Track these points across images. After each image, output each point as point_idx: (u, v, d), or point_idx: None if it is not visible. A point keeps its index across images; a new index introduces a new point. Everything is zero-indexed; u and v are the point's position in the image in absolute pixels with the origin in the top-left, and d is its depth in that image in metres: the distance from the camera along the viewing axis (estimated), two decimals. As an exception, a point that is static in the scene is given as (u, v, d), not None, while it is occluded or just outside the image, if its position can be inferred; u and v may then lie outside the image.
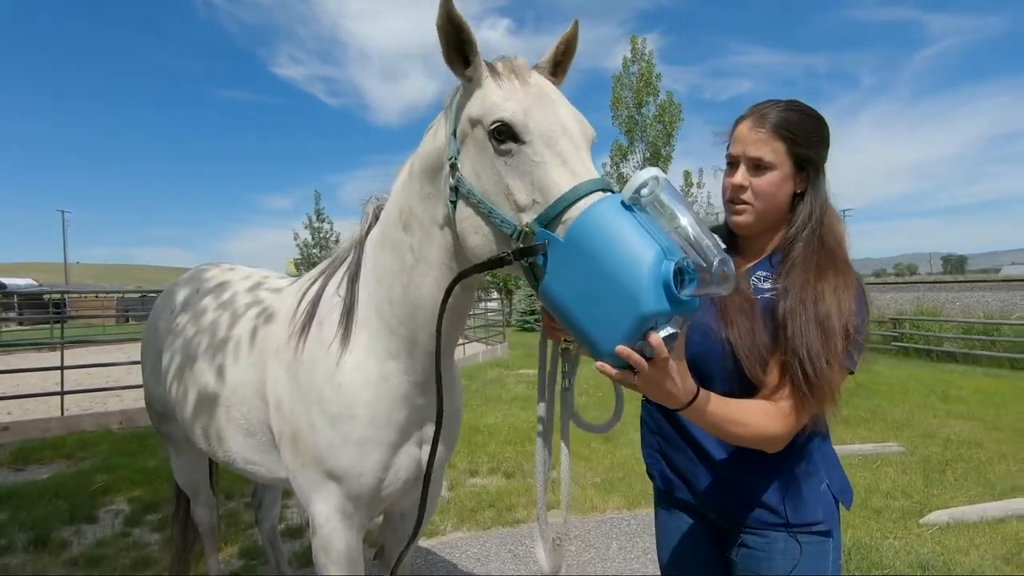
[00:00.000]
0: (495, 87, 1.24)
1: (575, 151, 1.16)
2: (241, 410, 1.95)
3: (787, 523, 1.31)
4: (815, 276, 1.27)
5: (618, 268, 0.97)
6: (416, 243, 1.49)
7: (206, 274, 2.62)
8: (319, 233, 21.48)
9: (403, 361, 1.58)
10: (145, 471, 5.26)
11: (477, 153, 1.25)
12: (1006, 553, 3.68)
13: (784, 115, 1.32)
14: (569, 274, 1.04)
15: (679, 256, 0.95)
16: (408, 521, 2.06)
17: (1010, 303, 19.11)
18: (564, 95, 1.30)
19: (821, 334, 1.21)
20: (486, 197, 1.22)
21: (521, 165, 1.17)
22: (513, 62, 1.29)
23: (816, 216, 1.33)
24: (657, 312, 0.94)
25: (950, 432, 6.75)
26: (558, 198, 1.09)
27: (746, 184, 1.33)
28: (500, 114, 1.18)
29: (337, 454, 1.60)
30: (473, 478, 5.15)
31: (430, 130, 1.49)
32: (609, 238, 0.99)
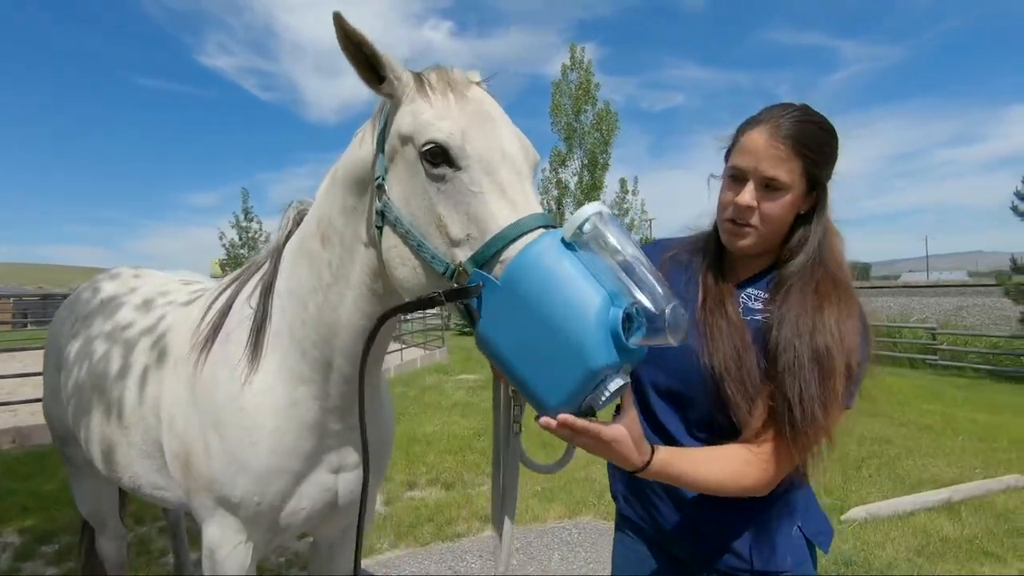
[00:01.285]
0: (428, 102, 1.11)
1: (517, 180, 1.05)
2: (139, 431, 1.78)
3: (751, 570, 1.23)
4: (814, 303, 1.14)
5: (561, 316, 0.87)
6: (335, 260, 1.35)
7: (111, 283, 2.38)
8: (247, 233, 20.42)
9: (315, 386, 1.45)
10: (40, 496, 4.72)
11: (407, 175, 1.12)
12: (918, 545, 3.94)
13: (803, 127, 1.14)
14: (507, 320, 0.94)
15: (626, 301, 0.87)
16: (336, 551, 1.92)
17: (908, 307, 20.94)
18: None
19: (818, 373, 1.08)
20: (415, 227, 1.10)
21: (456, 194, 1.05)
22: (449, 73, 1.16)
23: (819, 237, 1.20)
24: (606, 365, 0.86)
25: (863, 429, 7.23)
26: (496, 235, 0.98)
27: (755, 205, 1.16)
28: (434, 134, 1.05)
29: (234, 482, 1.48)
30: (411, 491, 4.98)
31: (357, 136, 1.35)
32: (550, 281, 0.89)
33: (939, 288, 23.00)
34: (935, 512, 4.54)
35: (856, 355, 1.12)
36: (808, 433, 1.08)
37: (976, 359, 13.80)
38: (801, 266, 1.19)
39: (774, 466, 1.12)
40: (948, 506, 4.65)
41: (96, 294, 2.35)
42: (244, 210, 20.47)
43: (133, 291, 2.25)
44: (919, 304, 21.16)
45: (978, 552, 3.88)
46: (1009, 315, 16.31)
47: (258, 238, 20.43)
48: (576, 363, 0.86)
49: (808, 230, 1.21)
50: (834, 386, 1.09)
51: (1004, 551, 3.89)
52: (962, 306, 20.04)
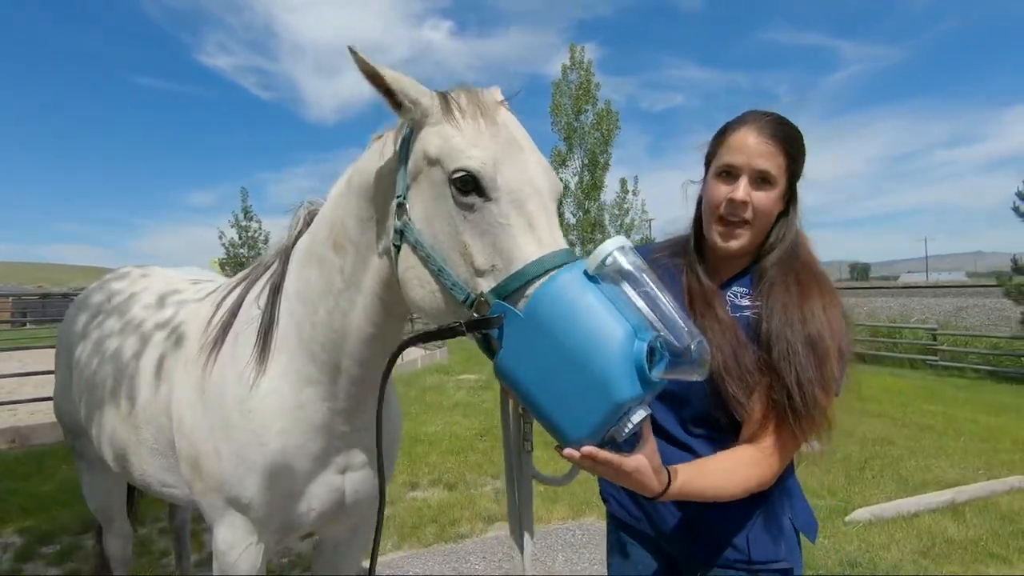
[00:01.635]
0: (458, 126, 1.09)
1: (544, 215, 1.04)
2: (150, 429, 1.80)
3: (749, 561, 1.27)
4: (799, 295, 1.19)
5: (585, 349, 0.88)
6: (348, 267, 1.35)
7: (120, 282, 2.41)
8: (246, 232, 20.38)
9: (323, 388, 1.45)
10: (39, 497, 4.69)
11: (432, 197, 1.11)
12: (922, 547, 3.92)
13: (784, 129, 1.23)
14: (529, 352, 0.94)
15: (649, 334, 0.87)
16: (341, 552, 1.92)
17: (908, 308, 20.94)
18: None
19: (813, 357, 1.13)
20: (437, 251, 1.09)
21: (483, 223, 1.04)
22: (479, 96, 1.14)
23: (793, 232, 1.28)
24: (631, 398, 0.87)
25: (866, 430, 7.21)
26: (520, 269, 0.98)
27: (748, 200, 1.21)
28: (466, 163, 1.04)
29: (243, 483, 1.48)
30: (413, 491, 4.96)
31: (376, 142, 1.33)
32: (573, 314, 0.90)
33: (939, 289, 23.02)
34: (939, 513, 4.52)
35: (844, 340, 1.18)
36: (812, 416, 1.12)
37: (976, 360, 13.79)
38: (779, 259, 1.25)
39: (777, 459, 1.17)
40: (952, 507, 4.63)
41: (106, 293, 2.38)
42: (243, 209, 20.44)
43: (143, 290, 2.27)
44: (919, 305, 21.16)
45: (983, 554, 3.86)
46: (1009, 316, 16.31)
47: (257, 237, 20.39)
48: (601, 396, 0.87)
49: (785, 224, 1.28)
50: (830, 369, 1.13)
51: (1009, 553, 3.88)
52: (962, 307, 20.05)
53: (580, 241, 17.47)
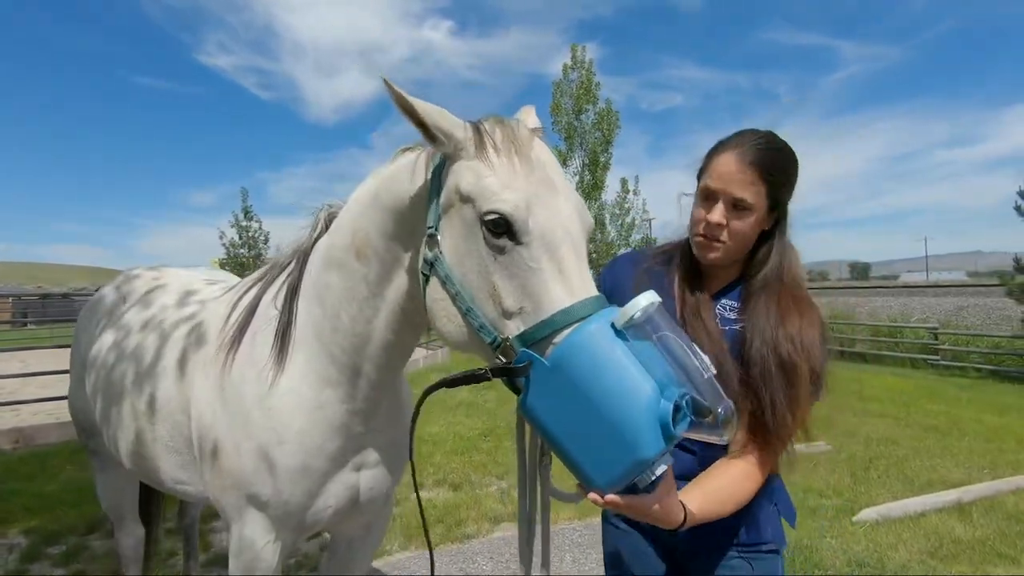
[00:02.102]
0: (491, 164, 1.08)
1: (575, 260, 1.04)
2: (166, 426, 1.82)
3: (741, 543, 1.35)
4: (777, 317, 1.26)
5: (611, 405, 0.89)
6: (372, 276, 1.36)
7: (134, 283, 2.43)
8: (247, 232, 20.34)
9: (343, 389, 1.47)
10: (44, 497, 4.68)
11: (463, 234, 1.10)
12: (930, 547, 3.92)
13: (768, 156, 1.26)
14: (554, 399, 0.95)
15: (676, 392, 0.89)
16: (355, 549, 1.94)
17: (909, 307, 20.93)
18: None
19: (785, 381, 1.21)
20: (466, 289, 1.09)
21: (513, 266, 1.04)
22: (515, 130, 1.12)
23: (779, 255, 1.33)
24: (655, 455, 0.89)
25: (870, 430, 7.21)
26: (549, 318, 0.98)
27: (724, 223, 1.27)
28: (498, 206, 1.03)
29: (263, 481, 1.50)
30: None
31: (404, 156, 1.32)
32: (600, 368, 0.91)
33: (939, 288, 23.01)
34: (945, 513, 4.52)
35: (818, 358, 1.25)
36: (781, 434, 1.23)
37: (978, 359, 13.78)
38: (764, 281, 1.32)
39: (765, 468, 1.26)
40: (959, 507, 4.63)
41: (121, 293, 2.41)
42: (244, 209, 20.39)
43: (160, 289, 2.29)
44: (919, 304, 21.15)
45: (991, 554, 3.86)
46: (1010, 315, 16.30)
47: (257, 237, 20.35)
48: (626, 453, 0.90)
49: (771, 246, 1.33)
50: (799, 392, 1.22)
51: (1017, 552, 3.87)
52: (962, 306, 20.04)
53: (581, 241, 17.51)
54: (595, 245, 17.67)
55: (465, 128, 1.13)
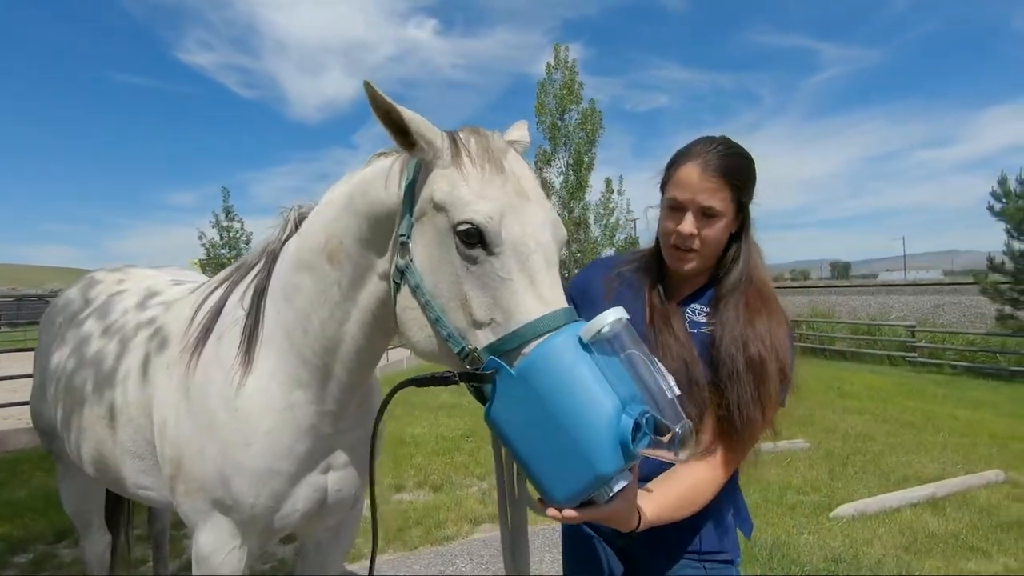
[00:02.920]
0: (465, 174, 1.07)
1: (546, 270, 1.04)
2: (128, 431, 1.78)
3: (698, 551, 1.36)
4: (746, 317, 1.27)
5: (573, 420, 0.90)
6: (345, 281, 1.34)
7: (94, 288, 2.37)
8: (228, 232, 20.05)
9: (312, 391, 1.45)
10: (13, 504, 4.56)
11: (435, 243, 1.10)
12: (904, 542, 3.97)
13: (729, 161, 1.28)
14: (518, 409, 0.96)
15: (637, 409, 0.89)
16: (324, 552, 1.91)
17: (887, 306, 21.31)
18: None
19: (753, 379, 1.21)
20: (436, 299, 1.09)
21: (485, 276, 1.03)
22: (489, 141, 1.13)
23: (746, 256, 1.34)
24: (614, 471, 0.90)
25: (848, 427, 7.32)
26: (517, 330, 0.98)
27: (695, 232, 1.28)
28: (471, 216, 1.02)
29: (228, 484, 1.47)
30: (399, 494, 4.91)
31: (379, 160, 1.30)
32: (564, 382, 0.91)
33: (917, 287, 23.45)
34: (920, 508, 4.59)
35: (786, 357, 1.26)
36: (747, 435, 1.23)
37: (954, 356, 14.06)
38: (734, 282, 1.32)
39: (727, 470, 1.26)
40: (932, 502, 4.71)
41: (84, 296, 2.36)
42: (225, 209, 20.10)
43: (122, 292, 2.24)
44: (897, 302, 21.54)
45: (964, 548, 3.92)
46: (985, 313, 16.67)
47: (239, 238, 20.07)
48: (585, 468, 0.90)
49: (738, 248, 1.35)
50: (767, 390, 1.22)
51: (989, 546, 3.94)
52: (939, 304, 20.45)
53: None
54: (579, 245, 17.71)
55: (443, 137, 1.12)
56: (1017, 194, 13.51)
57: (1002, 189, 13.77)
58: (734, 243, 1.35)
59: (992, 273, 14.41)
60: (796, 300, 23.11)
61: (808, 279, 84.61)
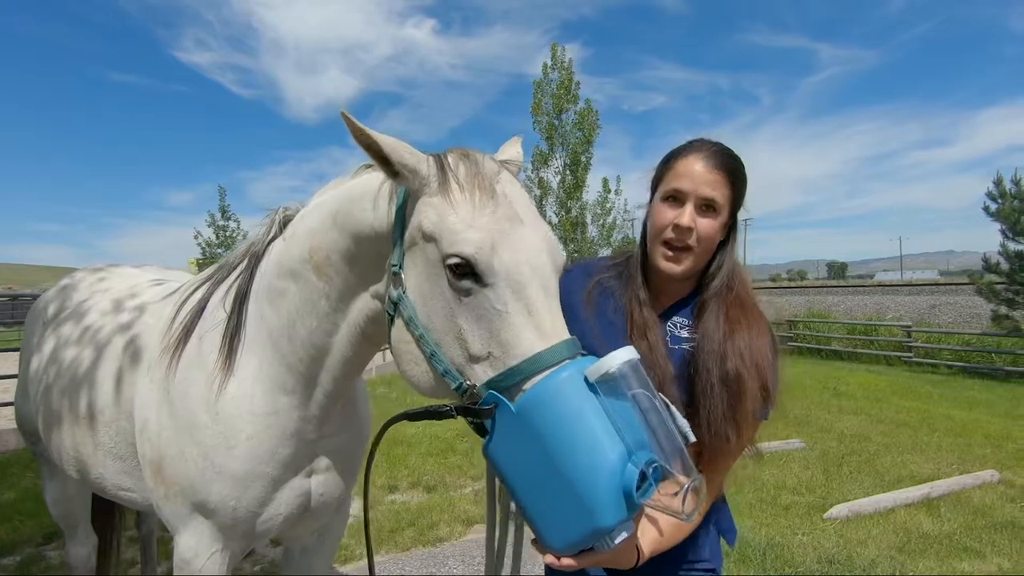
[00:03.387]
0: (454, 202, 1.03)
1: (544, 299, 0.99)
2: (109, 432, 1.76)
3: (676, 558, 1.32)
4: (725, 330, 1.22)
5: (574, 465, 0.84)
6: (334, 295, 1.31)
7: (75, 287, 2.36)
8: (224, 232, 19.99)
9: (297, 398, 1.44)
10: (2, 506, 4.52)
11: (427, 273, 1.06)
12: (898, 543, 3.96)
13: (730, 161, 1.24)
14: (518, 448, 0.90)
15: (644, 457, 0.84)
16: (310, 555, 1.91)
17: (884, 306, 21.33)
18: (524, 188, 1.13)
19: (727, 396, 1.16)
20: (431, 333, 1.04)
21: (479, 308, 0.99)
22: (480, 165, 1.08)
23: (730, 263, 1.29)
24: (615, 524, 0.85)
25: (843, 427, 7.31)
26: (516, 366, 0.94)
27: (693, 226, 1.21)
28: (460, 248, 0.98)
29: (209, 487, 1.45)
30: (392, 495, 4.88)
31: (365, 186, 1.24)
32: (566, 425, 0.85)
33: (913, 287, 23.49)
34: (914, 508, 4.58)
35: (770, 373, 1.21)
36: (721, 453, 1.18)
37: (949, 356, 14.07)
38: (717, 290, 1.27)
39: (714, 487, 1.23)
40: (927, 502, 4.70)
41: (63, 296, 2.34)
42: (221, 208, 20.03)
43: (102, 292, 2.22)
44: (893, 303, 21.55)
45: (958, 548, 3.91)
46: (980, 313, 16.68)
47: (235, 237, 20.00)
48: (585, 518, 0.85)
49: (723, 256, 1.30)
50: (744, 407, 1.16)
51: (983, 546, 3.93)
52: (935, 304, 20.47)
53: (562, 241, 17.48)
54: (576, 245, 17.67)
55: (428, 163, 1.08)
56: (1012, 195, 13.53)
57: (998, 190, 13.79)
58: (719, 250, 1.30)
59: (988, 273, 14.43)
60: (793, 300, 23.14)
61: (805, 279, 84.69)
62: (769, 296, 23.70)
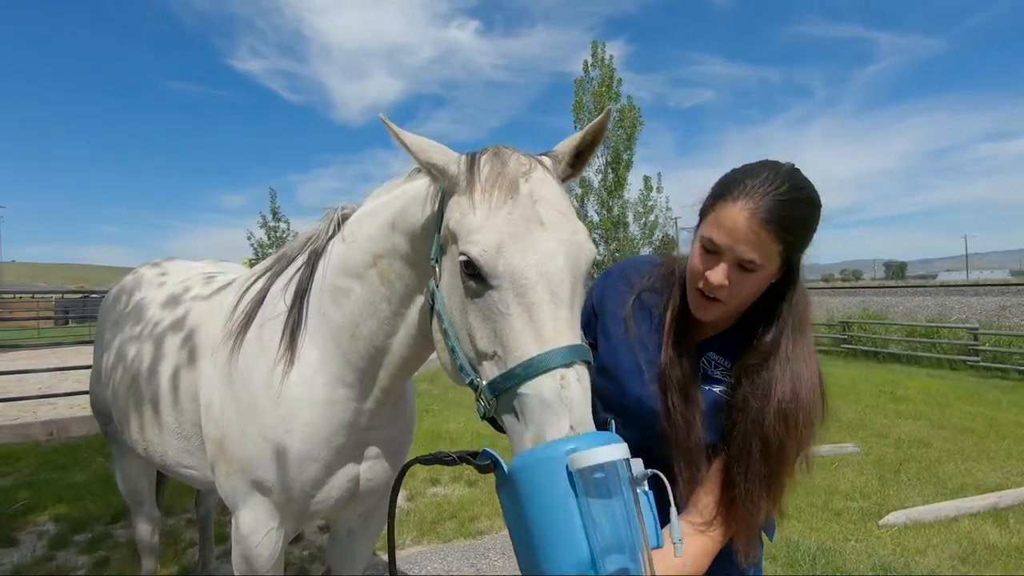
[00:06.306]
0: (474, 202, 1.04)
1: (550, 304, 0.97)
2: (174, 413, 1.88)
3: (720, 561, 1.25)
4: (765, 391, 1.13)
5: (544, 547, 0.85)
6: (395, 298, 1.38)
7: (138, 285, 2.53)
8: (275, 233, 20.74)
9: (355, 391, 1.51)
10: (74, 486, 4.84)
11: (452, 270, 1.09)
12: (961, 553, 3.74)
13: (787, 209, 1.05)
14: (510, 504, 0.93)
15: (615, 564, 0.82)
16: (355, 538, 1.98)
17: (947, 307, 20.16)
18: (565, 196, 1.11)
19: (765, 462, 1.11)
20: (452, 326, 1.08)
21: (486, 309, 1.00)
22: (505, 163, 1.06)
23: (787, 313, 1.17)
24: None
25: (901, 432, 6.96)
26: (511, 370, 0.94)
27: (726, 284, 1.11)
28: (467, 247, 1.00)
29: (268, 467, 1.53)
30: (434, 487, 4.96)
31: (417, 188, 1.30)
32: (542, 505, 0.86)
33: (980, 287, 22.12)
34: (980, 518, 4.32)
35: (808, 435, 1.14)
36: (749, 517, 1.13)
37: (1021, 361, 13.19)
38: (768, 347, 1.16)
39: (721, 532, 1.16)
40: (994, 512, 4.42)
41: (134, 284, 2.53)
42: (272, 210, 20.78)
43: (169, 282, 2.38)
44: (958, 304, 20.34)
45: (1028, 561, 3.67)
46: (1056, 315, 15.55)
47: (286, 238, 20.72)
48: None
49: (779, 307, 1.17)
50: (782, 479, 1.13)
51: (1057, 560, 3.67)
52: (1005, 306, 19.20)
53: (603, 240, 17.31)
54: (618, 243, 17.48)
55: (460, 163, 1.10)
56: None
57: (1076, 182, 12.82)
58: (774, 298, 1.17)
59: (1065, 272, 13.43)
60: (846, 301, 22.15)
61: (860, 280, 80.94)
62: (820, 297, 22.76)
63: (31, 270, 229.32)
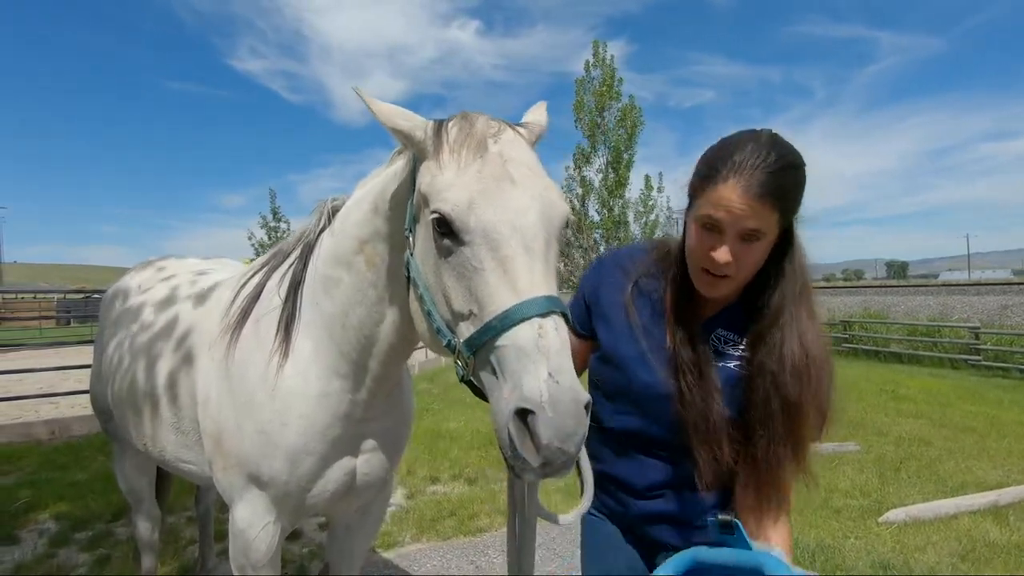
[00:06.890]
0: (442, 163, 1.05)
1: (524, 257, 0.96)
2: (172, 409, 1.89)
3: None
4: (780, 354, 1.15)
5: None
6: (381, 283, 1.38)
7: (141, 273, 2.56)
8: (275, 233, 20.76)
9: (349, 382, 1.51)
10: (76, 485, 4.85)
11: (425, 236, 1.09)
12: (961, 550, 3.74)
13: (775, 178, 1.07)
14: None
15: None
16: (353, 534, 1.99)
17: (949, 307, 20.12)
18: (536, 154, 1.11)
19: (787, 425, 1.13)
20: (428, 291, 1.08)
21: (460, 267, 1.00)
22: (473, 124, 1.08)
23: (790, 274, 1.18)
24: None
25: (901, 431, 6.95)
26: (487, 323, 0.93)
27: (731, 260, 1.11)
28: (438, 205, 1.00)
29: (264, 461, 1.54)
30: (434, 485, 4.97)
31: (399, 158, 1.32)
32: None
33: (981, 287, 22.07)
34: (980, 516, 4.32)
35: (826, 396, 1.16)
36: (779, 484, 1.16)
37: (1022, 360, 13.17)
38: (774, 313, 1.18)
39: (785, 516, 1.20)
40: (994, 510, 4.42)
41: (131, 283, 2.55)
42: (272, 210, 20.79)
43: (164, 279, 2.40)
44: (960, 303, 20.30)
45: (1028, 558, 3.66)
46: (1058, 314, 15.52)
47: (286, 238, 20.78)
48: None
49: (780, 268, 1.18)
50: (802, 434, 1.14)
51: (1056, 558, 3.67)
52: (1007, 305, 19.16)
53: (604, 240, 17.31)
54: (619, 243, 17.48)
55: (426, 128, 1.11)
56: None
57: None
58: (775, 263, 1.18)
59: (1066, 271, 13.41)
60: (847, 300, 22.12)
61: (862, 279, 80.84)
62: (822, 296, 22.72)
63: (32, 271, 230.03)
